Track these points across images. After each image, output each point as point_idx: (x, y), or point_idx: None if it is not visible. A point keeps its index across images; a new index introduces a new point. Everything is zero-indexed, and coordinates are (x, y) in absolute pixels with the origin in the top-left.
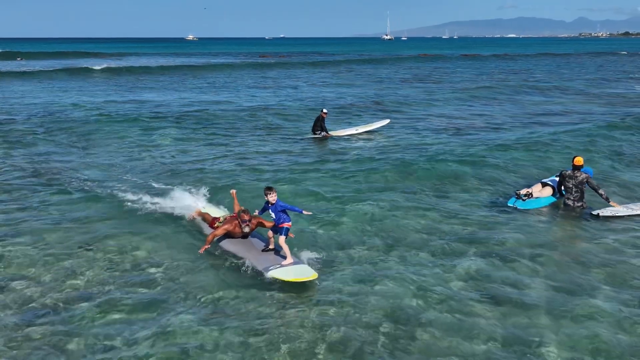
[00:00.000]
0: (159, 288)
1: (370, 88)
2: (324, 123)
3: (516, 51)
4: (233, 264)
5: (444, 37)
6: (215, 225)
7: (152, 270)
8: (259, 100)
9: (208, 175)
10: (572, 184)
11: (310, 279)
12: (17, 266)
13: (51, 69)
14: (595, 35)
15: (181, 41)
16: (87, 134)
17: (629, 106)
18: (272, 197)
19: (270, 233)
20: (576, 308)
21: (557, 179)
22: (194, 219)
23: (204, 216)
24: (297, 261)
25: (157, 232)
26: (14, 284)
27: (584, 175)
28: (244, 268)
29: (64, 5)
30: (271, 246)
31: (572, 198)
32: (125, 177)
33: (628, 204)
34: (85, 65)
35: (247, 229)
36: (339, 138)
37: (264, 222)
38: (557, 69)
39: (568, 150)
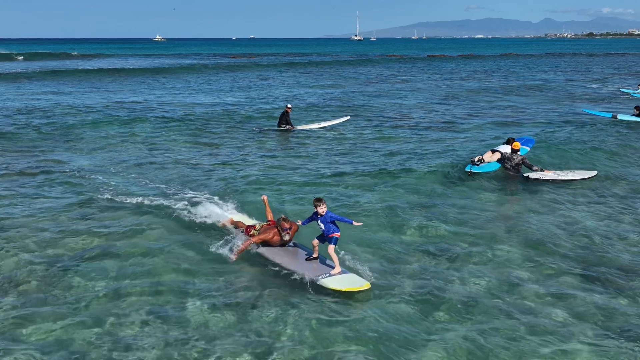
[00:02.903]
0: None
1: (336, 88)
2: (289, 117)
3: (482, 52)
4: (276, 272)
5: (412, 37)
6: (251, 233)
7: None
8: (233, 99)
9: (193, 174)
10: (510, 165)
11: (364, 288)
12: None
13: (25, 70)
14: (561, 35)
15: (149, 42)
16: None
17: (577, 103)
18: (322, 209)
19: (315, 242)
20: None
21: (505, 145)
22: (224, 226)
23: (237, 224)
24: (345, 270)
25: (186, 237)
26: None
27: (520, 158)
28: (290, 276)
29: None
30: (315, 255)
31: (511, 176)
32: (130, 179)
33: (556, 170)
34: (58, 67)
35: (287, 237)
36: (302, 131)
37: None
38: (519, 69)
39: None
